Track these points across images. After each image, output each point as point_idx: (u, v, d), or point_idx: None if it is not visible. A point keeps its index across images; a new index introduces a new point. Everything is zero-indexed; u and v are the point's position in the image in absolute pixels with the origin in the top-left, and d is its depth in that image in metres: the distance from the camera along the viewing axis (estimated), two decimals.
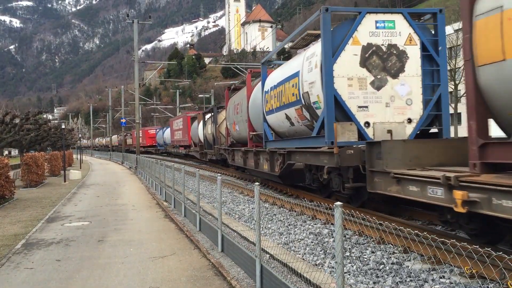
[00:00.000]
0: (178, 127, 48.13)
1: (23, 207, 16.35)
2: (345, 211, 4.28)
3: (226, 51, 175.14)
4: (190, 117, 41.85)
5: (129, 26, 46.03)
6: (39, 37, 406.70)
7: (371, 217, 5.55)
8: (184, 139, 43.81)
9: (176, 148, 50.34)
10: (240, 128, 21.48)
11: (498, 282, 5.81)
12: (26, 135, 34.51)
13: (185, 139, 43.60)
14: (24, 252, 9.31)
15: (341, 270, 4.08)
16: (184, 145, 44.52)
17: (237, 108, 21.96)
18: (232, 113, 22.86)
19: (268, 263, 7.10)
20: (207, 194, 17.35)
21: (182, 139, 45.38)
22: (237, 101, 22.42)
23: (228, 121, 24.27)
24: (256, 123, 18.78)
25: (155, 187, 20.85)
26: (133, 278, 7.26)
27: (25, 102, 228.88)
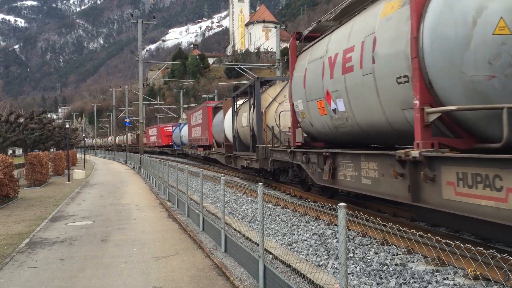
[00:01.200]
0: (197, 121, 37.88)
1: (27, 206, 16.40)
2: (348, 212, 4.27)
3: (230, 51, 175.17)
4: (212, 107, 32.34)
5: (133, 26, 46.13)
6: (43, 37, 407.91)
7: (374, 218, 5.53)
8: (204, 137, 34.10)
9: (194, 148, 40.63)
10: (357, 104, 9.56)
11: (503, 284, 5.79)
12: (30, 135, 34.64)
13: (204, 137, 33.78)
14: (28, 251, 9.34)
15: (345, 271, 4.07)
16: (203, 145, 34.63)
17: None
18: (326, 74, 10.68)
19: (271, 264, 7.09)
20: (211, 194, 17.35)
21: (200, 137, 35.73)
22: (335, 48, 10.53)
23: (300, 99, 12.77)
24: None
25: (159, 187, 20.88)
26: (136, 277, 7.27)
27: (30, 101, 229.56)
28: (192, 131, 40.68)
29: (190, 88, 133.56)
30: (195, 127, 39.10)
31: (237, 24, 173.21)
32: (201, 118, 35.10)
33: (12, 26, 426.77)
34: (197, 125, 37.77)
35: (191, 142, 41.59)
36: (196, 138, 38.27)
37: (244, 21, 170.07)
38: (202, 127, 34.80)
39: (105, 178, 30.41)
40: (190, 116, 42.65)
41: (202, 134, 34.79)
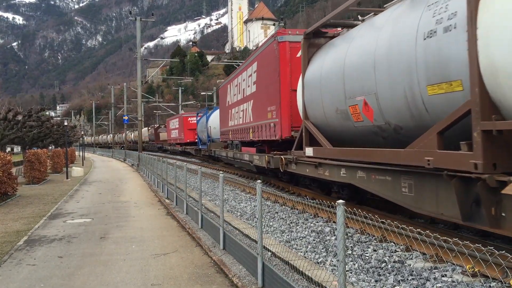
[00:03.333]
0: (240, 93, 21.02)
1: (26, 203, 16.39)
2: (347, 209, 4.27)
3: (228, 48, 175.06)
4: None
5: (131, 23, 46.00)
6: (42, 34, 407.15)
7: (373, 215, 5.54)
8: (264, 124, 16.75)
9: (236, 148, 23.01)
10: None
11: (501, 280, 5.80)
12: (28, 132, 34.56)
13: (268, 122, 16.18)
14: (27, 248, 9.33)
15: (343, 268, 4.07)
16: (267, 140, 16.59)
17: None
18: None
19: (269, 261, 7.10)
20: (209, 192, 17.35)
21: (253, 124, 18.44)
22: None
23: None
24: None
25: (157, 185, 20.87)
26: (135, 275, 7.27)
27: (28, 99, 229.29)
28: (230, 116, 23.83)
29: (189, 85, 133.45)
30: (236, 107, 21.96)
31: (236, 21, 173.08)
32: (254, 80, 18.18)
33: (10, 23, 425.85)
34: (242, 102, 20.65)
35: (229, 136, 24.41)
36: (238, 126, 21.51)
37: (242, 18, 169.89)
38: (259, 97, 17.49)
39: (104, 175, 30.39)
40: (228, 87, 24.41)
41: (256, 117, 17.75)
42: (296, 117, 13.98)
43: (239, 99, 21.56)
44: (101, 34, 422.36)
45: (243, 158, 20.56)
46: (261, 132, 17.21)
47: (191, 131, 43.91)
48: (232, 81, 24.07)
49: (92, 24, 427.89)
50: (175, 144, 52.09)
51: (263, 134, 16.85)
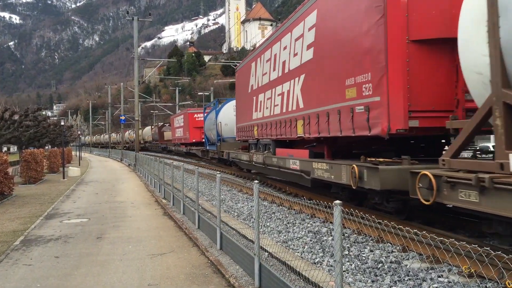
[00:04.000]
0: (277, 69, 15.22)
1: (22, 203, 16.34)
2: (344, 209, 4.28)
3: (226, 49, 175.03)
4: None
5: (129, 23, 45.74)
6: (38, 34, 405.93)
7: (370, 216, 5.55)
8: None
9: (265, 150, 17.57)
10: None
11: (497, 281, 5.82)
12: (25, 132, 34.46)
13: (348, 105, 9.72)
14: (23, 248, 9.30)
15: (340, 269, 4.08)
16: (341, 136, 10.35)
17: None
18: None
19: (266, 261, 7.10)
20: (206, 192, 17.34)
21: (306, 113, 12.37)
22: None
23: None
24: None
25: (154, 185, 20.85)
26: (131, 275, 7.26)
27: (25, 98, 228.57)
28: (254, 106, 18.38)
29: (186, 85, 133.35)
30: (269, 91, 16.30)
31: (233, 21, 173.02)
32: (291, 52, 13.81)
33: (7, 22, 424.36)
34: (281, 80, 14.82)
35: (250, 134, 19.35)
36: (270, 120, 16.05)
37: (240, 18, 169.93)
38: None
39: (100, 175, 30.33)
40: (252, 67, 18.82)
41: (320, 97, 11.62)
42: (418, 93, 8.29)
43: (275, 79, 15.19)
44: (98, 33, 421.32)
45: (287, 166, 13.85)
46: (326, 124, 10.85)
47: (197, 129, 38.71)
48: (259, 57, 17.38)
49: (89, 24, 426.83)
50: (179, 144, 46.60)
51: (333, 127, 10.47)
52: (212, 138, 30.41)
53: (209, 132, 31.39)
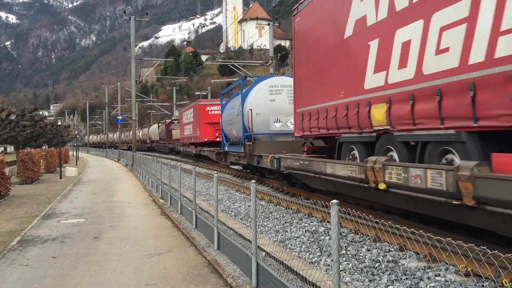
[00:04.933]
0: None
1: (19, 203, 16.30)
2: (341, 209, 4.29)
3: (223, 48, 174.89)
4: None
5: (126, 23, 45.58)
6: (35, 33, 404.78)
7: (367, 215, 5.55)
8: None
9: (381, 153, 9.16)
10: None
11: (494, 280, 5.83)
12: (22, 132, 34.39)
13: None
14: (20, 248, 9.28)
15: (337, 268, 4.08)
16: None
17: None
18: None
19: (264, 261, 7.11)
20: (204, 192, 17.34)
21: None
22: None
23: None
24: None
25: (152, 185, 20.83)
26: (129, 275, 7.25)
27: (21, 98, 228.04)
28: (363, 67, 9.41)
29: (183, 85, 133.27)
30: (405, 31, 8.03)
31: (230, 21, 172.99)
32: None
33: (3, 22, 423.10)
34: None
35: (339, 123, 10.63)
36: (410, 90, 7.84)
37: (237, 18, 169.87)
38: None
39: (98, 175, 30.28)
40: None
41: None
42: None
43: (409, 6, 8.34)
44: (95, 33, 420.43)
45: None
46: None
47: (210, 126, 32.78)
48: None
49: (86, 24, 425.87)
50: (188, 144, 39.40)
51: None
52: (232, 136, 22.74)
53: (228, 126, 23.17)
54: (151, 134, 63.76)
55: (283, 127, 18.97)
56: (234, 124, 21.67)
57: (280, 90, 19.15)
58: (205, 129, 32.92)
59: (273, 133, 18.91)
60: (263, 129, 19.05)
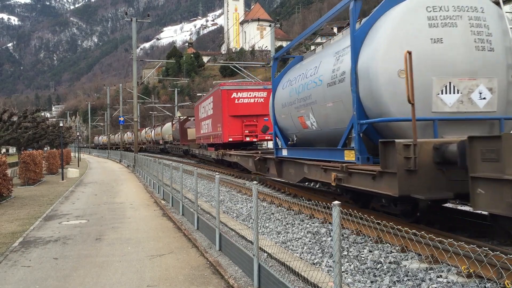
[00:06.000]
0: None
1: (21, 205, 16.32)
2: (343, 210, 4.28)
3: (224, 50, 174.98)
4: None
5: (127, 24, 45.50)
6: (37, 35, 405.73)
7: (369, 216, 5.55)
8: None
9: None
10: None
11: (496, 281, 5.82)
12: (24, 133, 34.46)
13: None
14: (22, 250, 9.29)
15: (339, 269, 4.08)
16: None
17: None
18: None
19: (265, 262, 7.10)
20: (205, 193, 17.33)
21: None
22: None
23: None
24: None
25: (153, 186, 20.83)
26: (130, 276, 7.25)
27: (23, 100, 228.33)
28: None
29: (184, 86, 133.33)
30: None
31: (232, 22, 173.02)
32: None
33: (5, 24, 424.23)
34: None
35: None
36: None
37: (238, 19, 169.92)
38: None
39: (99, 177, 30.30)
40: None
41: None
42: None
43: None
44: (97, 35, 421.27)
45: None
46: None
47: (237, 120, 24.92)
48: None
49: (87, 25, 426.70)
50: (206, 145, 31.20)
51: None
52: (303, 130, 13.04)
53: (296, 112, 13.08)
54: (165, 133, 54.93)
55: (463, 105, 8.63)
56: (317, 105, 11.41)
57: (454, 19, 8.70)
58: (230, 125, 24.89)
59: (440, 118, 8.55)
60: (418, 110, 7.99)
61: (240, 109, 25.08)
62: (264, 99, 25.03)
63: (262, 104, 24.89)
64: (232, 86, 26.59)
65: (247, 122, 25.08)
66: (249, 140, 25.14)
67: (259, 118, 24.89)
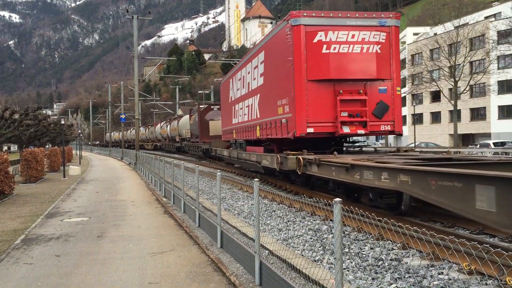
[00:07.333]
0: None
1: (23, 202, 16.35)
2: (344, 207, 4.29)
3: (226, 47, 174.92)
4: None
5: (128, 21, 45.44)
6: (38, 33, 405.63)
7: (370, 214, 5.55)
8: None
9: None
10: None
11: (497, 278, 5.83)
12: (25, 131, 34.49)
13: None
14: (24, 247, 9.32)
15: (340, 266, 4.09)
16: None
17: None
18: None
19: (267, 259, 7.11)
20: (207, 190, 17.35)
21: None
22: None
23: None
24: None
25: (155, 183, 20.86)
26: (132, 273, 7.27)
27: (25, 97, 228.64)
28: None
29: (186, 84, 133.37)
30: None
31: (233, 19, 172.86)
32: None
33: (6, 21, 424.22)
34: None
35: None
36: None
37: (240, 16, 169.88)
38: None
39: (101, 174, 30.34)
40: None
41: None
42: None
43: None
44: (98, 32, 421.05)
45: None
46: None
47: (326, 89, 13.40)
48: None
49: (89, 23, 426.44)
50: (244, 143, 21.31)
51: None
52: None
53: None
54: (182, 128, 44.55)
55: None
56: None
57: None
58: (309, 99, 13.39)
59: None
60: None
61: (333, 66, 13.19)
62: (381, 47, 13.44)
63: (376, 56, 13.35)
64: (316, 18, 13.59)
65: (346, 95, 13.35)
66: (348, 131, 13.29)
67: (369, 86, 13.53)
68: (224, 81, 26.68)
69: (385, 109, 13.63)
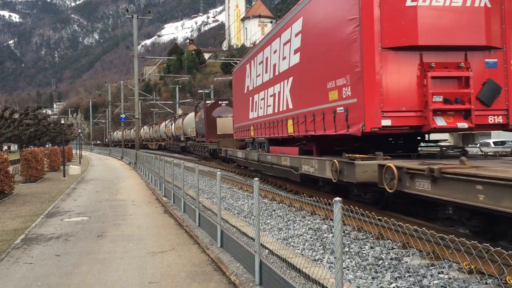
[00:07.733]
0: None
1: (23, 202, 16.35)
2: (344, 206, 4.29)
3: (225, 46, 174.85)
4: None
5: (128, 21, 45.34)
6: (38, 32, 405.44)
7: (370, 213, 5.55)
8: None
9: None
10: None
11: (497, 277, 5.83)
12: (25, 130, 34.46)
13: None
14: (24, 247, 9.32)
15: (340, 266, 4.08)
16: None
17: None
18: None
19: (267, 259, 7.11)
20: (207, 190, 17.35)
21: None
22: None
23: None
24: None
25: (155, 183, 20.86)
26: (132, 273, 7.27)
27: (25, 97, 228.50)
28: None
29: (186, 83, 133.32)
30: None
31: (233, 19, 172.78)
32: None
33: (6, 21, 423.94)
34: None
35: None
36: None
37: (240, 16, 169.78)
38: None
39: (101, 174, 30.35)
40: None
41: None
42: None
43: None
44: (98, 32, 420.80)
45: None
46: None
47: (410, 61, 9.13)
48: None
49: (88, 22, 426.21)
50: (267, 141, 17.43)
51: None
52: None
53: None
54: (187, 127, 41.66)
55: None
56: None
57: None
58: (386, 76, 9.08)
59: None
60: None
61: (422, 25, 9.16)
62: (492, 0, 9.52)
63: (485, 12, 9.37)
64: None
65: (440, 70, 9.29)
66: (444, 124, 9.17)
67: (473, 57, 9.48)
68: (238, 68, 21.73)
69: (496, 91, 9.25)
